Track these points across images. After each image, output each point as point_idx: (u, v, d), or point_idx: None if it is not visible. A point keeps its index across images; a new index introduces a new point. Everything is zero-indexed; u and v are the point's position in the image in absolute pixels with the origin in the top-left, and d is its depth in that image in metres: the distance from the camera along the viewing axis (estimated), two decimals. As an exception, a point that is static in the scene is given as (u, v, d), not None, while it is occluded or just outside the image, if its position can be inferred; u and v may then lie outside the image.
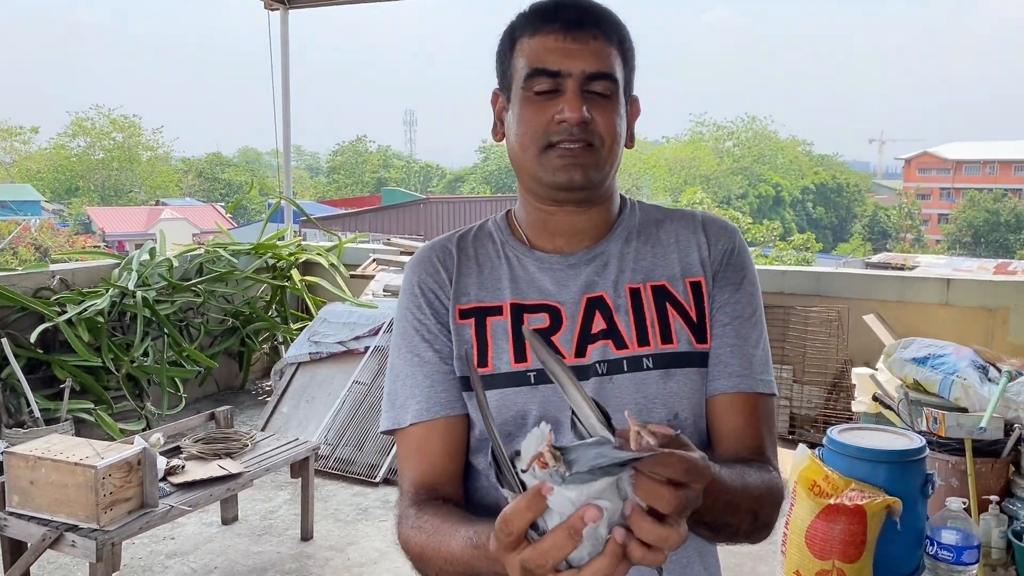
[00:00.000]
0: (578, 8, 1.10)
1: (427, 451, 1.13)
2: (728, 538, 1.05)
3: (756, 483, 1.03)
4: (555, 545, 0.72)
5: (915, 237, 49.38)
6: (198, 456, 3.60)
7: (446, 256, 1.21)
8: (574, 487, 0.72)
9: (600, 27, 1.09)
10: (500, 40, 1.16)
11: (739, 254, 1.19)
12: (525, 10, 1.13)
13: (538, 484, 0.73)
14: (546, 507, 0.73)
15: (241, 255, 6.56)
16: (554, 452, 0.73)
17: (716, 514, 0.95)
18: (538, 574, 0.75)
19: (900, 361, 3.86)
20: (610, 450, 0.73)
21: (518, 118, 1.11)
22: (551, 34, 1.08)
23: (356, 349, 5.44)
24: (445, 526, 0.99)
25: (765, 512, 1.05)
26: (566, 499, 0.72)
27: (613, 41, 1.10)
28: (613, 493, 0.73)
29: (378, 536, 4.08)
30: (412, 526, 1.05)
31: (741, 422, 1.13)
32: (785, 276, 5.90)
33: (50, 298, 5.24)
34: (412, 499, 1.10)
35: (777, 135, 56.94)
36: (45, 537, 2.93)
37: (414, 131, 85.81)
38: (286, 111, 7.70)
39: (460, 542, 0.94)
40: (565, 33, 1.08)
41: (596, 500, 0.72)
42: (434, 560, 0.99)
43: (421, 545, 1.02)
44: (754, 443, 1.12)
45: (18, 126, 45.65)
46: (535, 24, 1.10)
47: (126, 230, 34.58)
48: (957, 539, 2.17)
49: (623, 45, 1.12)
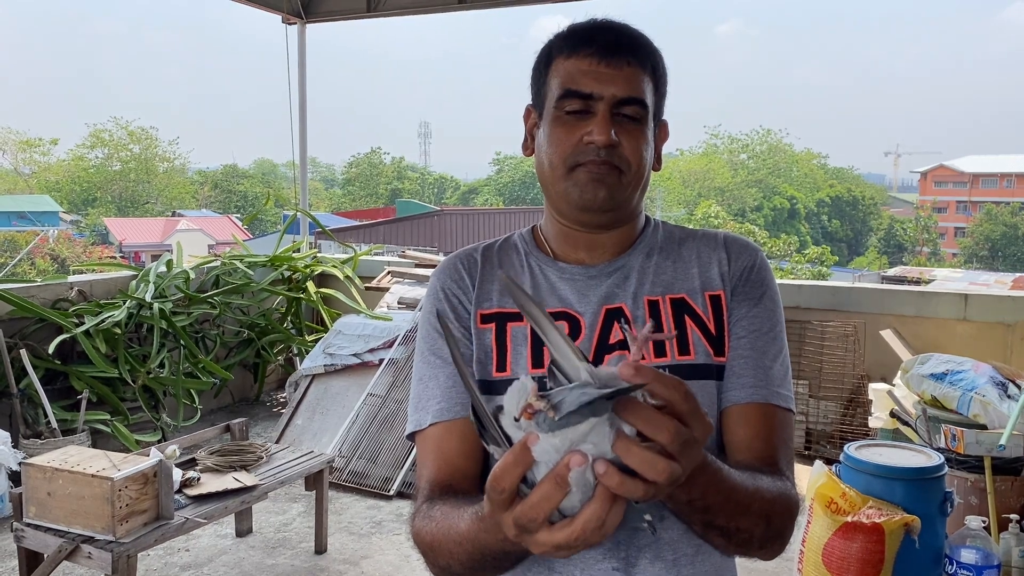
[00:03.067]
0: (614, 33, 1.13)
1: (445, 450, 1.13)
2: (741, 546, 1.03)
3: (768, 487, 1.02)
4: (544, 496, 0.72)
5: (931, 251, 49.07)
6: (213, 468, 3.61)
7: (471, 263, 1.24)
8: (558, 433, 0.71)
9: (635, 54, 1.12)
10: (537, 57, 1.18)
11: (759, 271, 1.19)
12: (563, 30, 1.16)
13: (523, 436, 0.72)
14: (533, 460, 0.72)
15: (257, 267, 6.60)
16: (540, 397, 0.72)
17: (728, 515, 0.95)
18: (532, 529, 0.74)
19: (918, 377, 3.83)
20: (594, 389, 0.72)
21: (548, 136, 1.14)
22: (587, 57, 1.11)
23: (371, 361, 5.45)
24: (454, 512, 0.99)
25: (778, 519, 1.03)
26: (551, 447, 0.71)
27: (646, 67, 1.13)
28: (602, 434, 0.71)
29: (392, 549, 4.07)
30: (423, 517, 1.06)
31: (753, 433, 1.11)
32: (801, 290, 5.88)
33: (68, 309, 5.28)
34: (426, 495, 1.11)
35: (792, 148, 56.79)
36: (62, 548, 2.94)
37: (428, 143, 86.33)
38: (303, 124, 7.74)
39: (467, 520, 0.94)
40: (600, 57, 1.10)
41: (581, 444, 0.71)
42: (444, 545, 0.99)
43: (431, 533, 1.02)
44: (767, 454, 1.10)
45: (38, 138, 46.13)
46: (572, 46, 1.13)
47: (143, 241, 34.81)
48: (977, 558, 2.14)
49: (656, 72, 1.15)
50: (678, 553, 1.10)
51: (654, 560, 1.09)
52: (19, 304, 4.96)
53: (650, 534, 1.08)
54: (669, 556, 1.10)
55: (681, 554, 1.10)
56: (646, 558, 1.09)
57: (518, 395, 0.74)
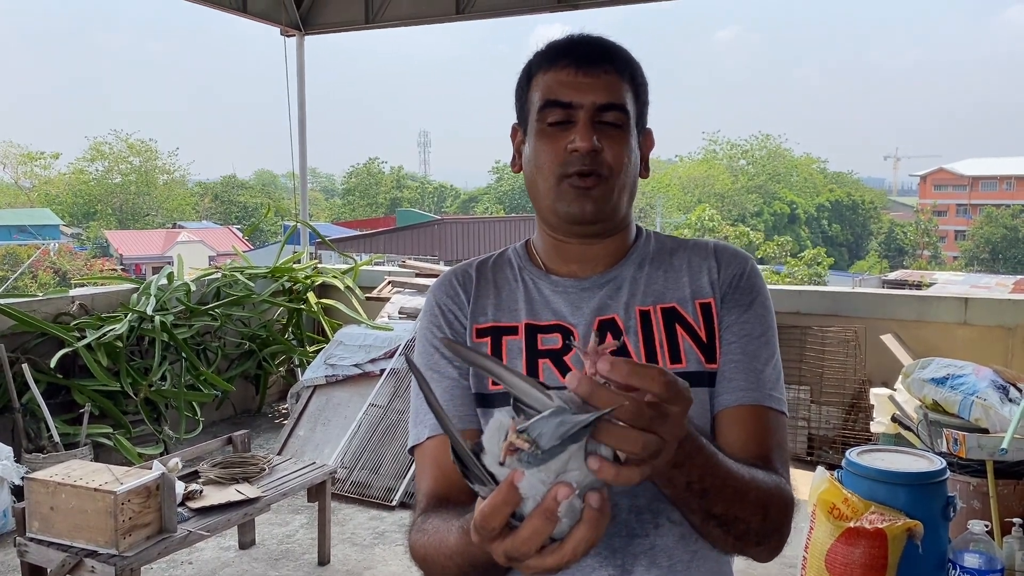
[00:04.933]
0: (591, 45, 1.15)
1: (442, 463, 1.14)
2: (740, 539, 1.03)
3: (764, 478, 1.03)
4: (535, 531, 0.73)
5: (932, 254, 49.08)
6: (216, 481, 3.61)
7: (466, 279, 1.26)
8: (542, 468, 0.71)
9: (612, 62, 1.14)
10: (518, 77, 1.21)
11: (749, 278, 1.20)
12: (542, 48, 1.18)
13: (509, 475, 0.72)
14: (521, 497, 0.72)
15: (258, 278, 6.61)
16: (521, 436, 0.72)
17: (726, 501, 0.95)
18: (523, 559, 0.75)
19: (919, 381, 3.83)
20: (569, 416, 0.72)
21: (533, 149, 1.16)
22: (564, 69, 1.13)
23: (372, 372, 5.46)
24: (444, 525, 1.01)
25: (775, 511, 1.03)
26: (537, 480, 0.72)
27: (624, 75, 1.15)
28: (580, 459, 0.72)
29: (395, 560, 4.07)
30: (418, 531, 1.08)
31: (746, 435, 1.12)
32: (801, 296, 5.88)
33: (70, 323, 5.29)
34: (423, 508, 1.12)
35: (791, 153, 56.82)
36: (65, 563, 2.94)
37: (428, 152, 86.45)
38: (302, 135, 7.76)
39: (455, 534, 0.96)
40: (577, 67, 1.12)
41: (565, 474, 0.72)
42: (437, 559, 1.01)
43: (424, 547, 1.04)
44: (761, 455, 1.10)
45: (39, 152, 46.21)
46: (550, 60, 1.15)
47: (143, 253, 34.84)
48: (980, 563, 2.14)
49: (635, 80, 1.17)
50: (674, 559, 1.11)
51: (650, 566, 1.10)
52: (21, 318, 4.96)
53: (644, 539, 1.09)
54: (665, 563, 1.10)
55: (677, 560, 1.11)
56: (642, 564, 1.10)
57: (497, 434, 0.75)
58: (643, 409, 0.73)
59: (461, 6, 7.02)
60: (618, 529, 1.10)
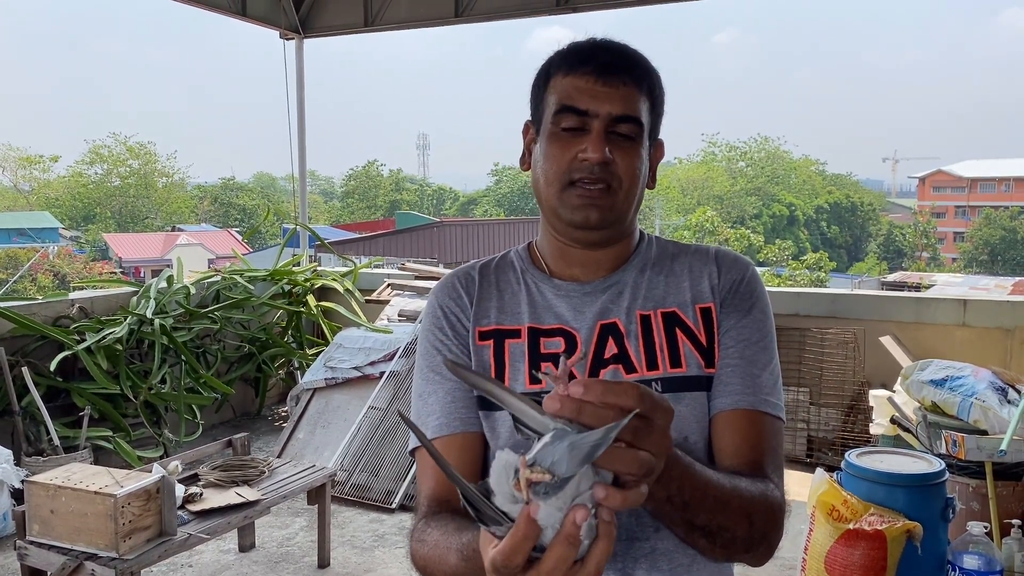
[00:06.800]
0: (612, 53, 1.14)
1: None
2: (726, 548, 1.02)
3: (748, 487, 1.03)
4: (560, 558, 0.73)
5: (931, 256, 49.07)
6: (216, 483, 3.62)
7: (468, 282, 1.25)
8: (558, 496, 0.72)
9: (631, 73, 1.13)
10: (536, 74, 1.20)
11: (749, 284, 1.21)
12: (563, 48, 1.18)
13: (523, 509, 0.73)
14: (540, 529, 0.73)
15: (257, 281, 6.61)
16: (535, 469, 0.72)
17: (708, 511, 0.95)
18: None
19: (918, 383, 3.83)
20: (575, 436, 0.73)
21: (544, 152, 1.16)
22: (584, 75, 1.12)
23: (371, 374, 5.46)
24: (443, 540, 1.01)
25: (760, 519, 1.03)
26: (554, 508, 0.72)
27: (643, 87, 1.14)
28: (588, 476, 0.73)
29: (395, 563, 4.07)
30: (417, 539, 1.08)
31: (740, 439, 1.12)
32: (800, 298, 5.88)
33: (69, 326, 5.29)
34: (424, 512, 1.13)
35: (790, 155, 56.80)
36: (65, 566, 2.94)
37: (427, 155, 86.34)
38: (301, 139, 7.77)
39: (455, 555, 0.97)
40: (597, 76, 1.12)
41: (579, 497, 0.72)
42: (436, 574, 1.02)
43: (424, 559, 1.05)
44: (754, 459, 1.10)
45: (38, 155, 46.16)
46: (570, 64, 1.14)
47: (142, 256, 34.80)
48: (979, 564, 2.15)
49: (652, 92, 1.16)
50: (674, 563, 1.11)
51: (651, 570, 1.10)
52: (20, 322, 4.97)
53: (645, 543, 1.10)
54: (665, 566, 1.11)
55: (677, 564, 1.11)
56: (642, 568, 1.10)
57: (505, 473, 0.75)
58: (638, 425, 0.74)
59: (460, 8, 7.03)
60: (619, 533, 1.10)
